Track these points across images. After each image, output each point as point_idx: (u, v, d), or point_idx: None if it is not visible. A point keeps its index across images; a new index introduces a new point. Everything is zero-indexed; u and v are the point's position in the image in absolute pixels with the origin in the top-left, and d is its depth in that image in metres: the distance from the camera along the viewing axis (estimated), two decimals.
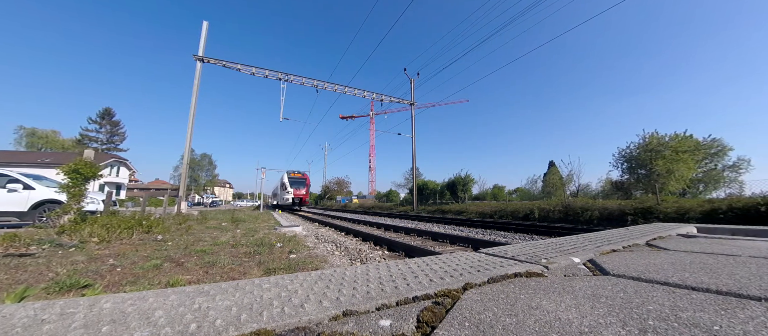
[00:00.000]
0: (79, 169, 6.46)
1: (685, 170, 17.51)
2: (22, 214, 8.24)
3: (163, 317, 0.92)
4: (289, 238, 6.14)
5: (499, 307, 0.73)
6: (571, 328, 0.58)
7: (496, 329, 0.58)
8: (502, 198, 31.78)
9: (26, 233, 5.20)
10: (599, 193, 24.95)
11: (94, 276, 3.11)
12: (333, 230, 8.51)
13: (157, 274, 3.29)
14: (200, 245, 5.09)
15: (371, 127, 66.74)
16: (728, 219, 8.59)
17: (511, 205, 17.07)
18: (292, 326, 0.85)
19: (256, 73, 18.04)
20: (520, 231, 8.67)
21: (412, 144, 24.30)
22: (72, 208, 6.41)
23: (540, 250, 1.66)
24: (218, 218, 12.57)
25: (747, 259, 1.20)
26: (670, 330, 0.56)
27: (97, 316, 0.93)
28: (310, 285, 1.23)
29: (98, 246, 4.78)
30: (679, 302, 0.73)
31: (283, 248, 4.97)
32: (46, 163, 30.54)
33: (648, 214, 10.39)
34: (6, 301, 1.95)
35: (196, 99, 15.64)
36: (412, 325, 0.75)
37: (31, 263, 3.49)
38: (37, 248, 4.35)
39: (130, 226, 6.09)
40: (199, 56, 15.93)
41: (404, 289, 1.11)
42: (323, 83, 20.05)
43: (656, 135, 19.22)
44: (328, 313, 0.93)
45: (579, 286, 0.88)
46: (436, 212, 20.46)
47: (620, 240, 2.15)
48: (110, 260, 3.86)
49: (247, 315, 0.92)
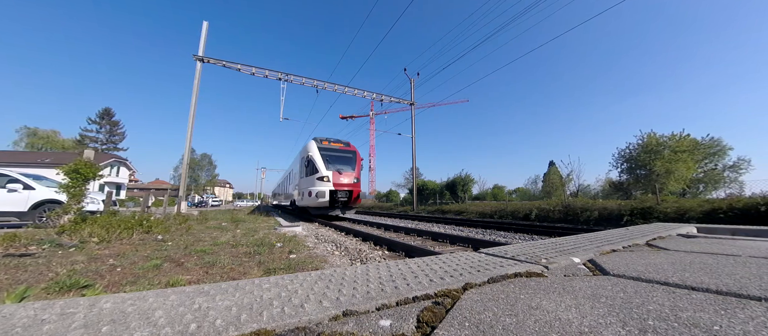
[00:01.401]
0: (79, 169, 6.46)
1: (684, 170, 17.54)
2: (22, 214, 8.25)
3: (163, 317, 0.92)
4: (289, 238, 6.14)
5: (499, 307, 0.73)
6: (571, 328, 0.58)
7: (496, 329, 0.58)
8: (502, 198, 31.78)
9: (26, 233, 5.21)
10: (599, 193, 24.98)
11: (94, 276, 3.11)
12: (333, 230, 8.51)
13: (157, 274, 3.29)
14: (200, 245, 5.09)
15: (371, 127, 66.73)
16: (728, 219, 8.59)
17: (511, 205, 17.07)
18: (292, 326, 0.85)
19: (256, 73, 18.04)
20: (520, 231, 8.66)
21: (412, 144, 24.30)
22: (72, 208, 6.41)
23: (540, 250, 1.66)
24: (218, 218, 12.58)
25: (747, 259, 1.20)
26: (670, 330, 0.56)
27: (97, 316, 0.93)
28: (310, 285, 1.23)
29: (98, 246, 4.78)
30: (679, 302, 0.73)
31: (283, 248, 4.97)
32: (46, 163, 30.53)
33: (648, 214, 10.39)
34: (6, 301, 1.95)
35: (196, 99, 15.64)
36: (412, 325, 0.75)
37: (31, 263, 3.49)
38: (37, 248, 4.35)
39: (130, 226, 6.09)
40: (199, 56, 15.93)
41: (404, 289, 1.11)
42: (323, 83, 20.05)
43: (654, 135, 19.26)
44: (328, 313, 0.93)
45: (579, 286, 0.88)
46: (436, 212, 20.45)
47: (620, 240, 2.15)
48: (110, 260, 3.86)
49: (247, 315, 0.92)
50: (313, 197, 11.36)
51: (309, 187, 11.85)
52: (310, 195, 11.56)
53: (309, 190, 11.74)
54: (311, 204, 11.73)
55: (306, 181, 12.57)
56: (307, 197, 11.91)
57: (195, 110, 15.55)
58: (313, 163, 12.01)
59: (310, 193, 11.53)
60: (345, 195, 11.81)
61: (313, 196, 11.36)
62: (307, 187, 12.08)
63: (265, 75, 18.30)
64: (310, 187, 11.73)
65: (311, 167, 12.15)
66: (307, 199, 11.95)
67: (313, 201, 11.43)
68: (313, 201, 11.39)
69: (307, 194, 11.94)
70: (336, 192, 11.50)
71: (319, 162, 11.83)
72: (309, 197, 11.60)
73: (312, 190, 11.48)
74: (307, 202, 12.03)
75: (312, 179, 11.81)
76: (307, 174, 12.51)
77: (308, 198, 11.66)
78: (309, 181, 12.12)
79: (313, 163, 12.01)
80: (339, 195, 11.57)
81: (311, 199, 11.46)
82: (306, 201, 12.09)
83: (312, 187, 11.60)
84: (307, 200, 11.81)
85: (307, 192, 11.97)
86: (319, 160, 11.93)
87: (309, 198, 11.60)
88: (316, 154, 12.19)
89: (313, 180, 11.66)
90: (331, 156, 12.43)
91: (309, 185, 11.97)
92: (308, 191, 11.73)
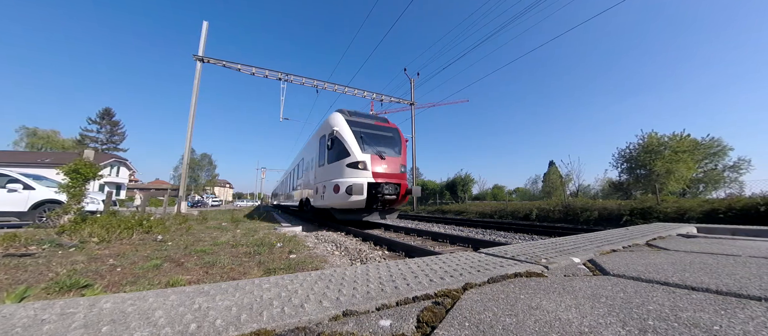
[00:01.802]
0: (79, 169, 6.47)
1: (684, 170, 17.56)
2: (22, 214, 8.26)
3: (163, 317, 0.92)
4: (289, 238, 6.14)
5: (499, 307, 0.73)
6: (571, 328, 0.58)
7: (496, 329, 0.58)
8: (501, 198, 31.81)
9: (26, 233, 5.21)
10: (599, 193, 25.00)
11: (94, 276, 3.11)
12: (333, 230, 8.51)
13: (157, 274, 3.29)
14: (200, 245, 5.10)
15: None
16: (728, 219, 8.60)
17: (511, 205, 17.08)
18: (292, 326, 0.84)
19: (256, 73, 18.04)
20: (520, 231, 8.67)
21: (412, 144, 24.31)
22: (72, 208, 6.41)
23: (540, 250, 1.66)
24: (218, 218, 12.59)
25: (747, 259, 1.20)
26: (670, 330, 0.56)
27: (97, 316, 0.93)
28: (310, 285, 1.23)
29: (98, 246, 4.78)
30: (679, 302, 0.73)
31: (283, 248, 4.97)
32: (46, 163, 30.54)
33: (648, 214, 10.40)
34: (6, 301, 1.95)
35: (196, 99, 15.65)
36: (412, 325, 0.75)
37: (31, 263, 3.49)
38: (37, 248, 4.35)
39: (130, 226, 6.09)
40: (199, 56, 15.94)
41: (404, 289, 1.10)
42: (323, 83, 20.05)
43: (655, 135, 19.27)
44: (328, 313, 0.93)
45: (579, 286, 0.88)
46: (436, 212, 20.46)
47: (620, 240, 2.15)
48: (110, 260, 3.86)
49: (247, 315, 0.92)
50: (341, 194, 7.40)
51: (334, 179, 7.90)
52: (336, 191, 7.58)
53: (334, 182, 7.76)
54: (337, 203, 7.76)
55: (327, 170, 8.49)
56: (330, 194, 7.89)
57: (195, 110, 15.56)
58: (340, 144, 7.96)
59: (337, 187, 7.57)
60: (390, 190, 7.87)
61: (341, 191, 7.40)
62: (330, 178, 8.12)
63: (265, 75, 18.31)
64: (336, 177, 7.85)
65: (337, 149, 8.06)
66: (330, 197, 7.91)
67: (340, 199, 7.48)
68: (341, 199, 7.44)
69: (330, 190, 7.87)
70: (377, 185, 7.63)
71: (351, 141, 7.84)
72: (334, 194, 7.66)
73: (339, 183, 7.56)
74: (330, 200, 8.00)
75: (338, 166, 7.89)
76: (330, 160, 8.36)
77: (332, 195, 7.72)
78: (333, 169, 8.15)
79: (340, 144, 7.96)
80: (382, 190, 7.67)
81: (337, 197, 7.52)
82: (328, 199, 8.07)
83: (339, 179, 7.71)
84: (331, 198, 7.83)
85: (330, 186, 7.89)
86: (350, 138, 7.89)
87: (334, 195, 7.67)
88: (346, 130, 8.07)
89: (341, 167, 7.78)
90: (366, 134, 8.34)
91: (333, 175, 8.03)
92: (333, 185, 7.75)
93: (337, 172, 7.92)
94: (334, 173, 8.06)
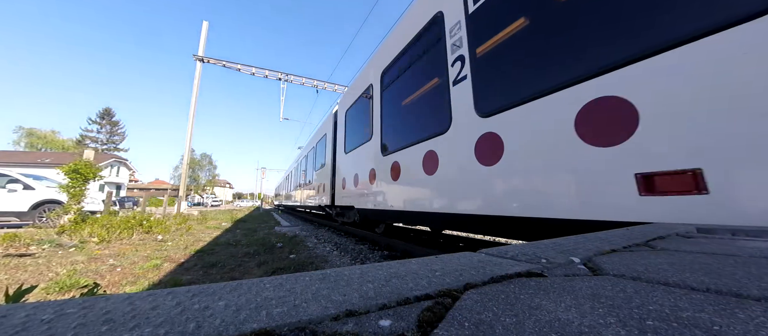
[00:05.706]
0: (79, 169, 6.47)
1: None
2: (22, 214, 8.25)
3: (162, 317, 0.93)
4: (289, 238, 6.14)
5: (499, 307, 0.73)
6: (571, 328, 0.58)
7: (496, 329, 0.58)
8: None
9: (26, 233, 5.21)
10: None
11: (94, 276, 3.11)
12: (333, 231, 8.50)
13: (157, 274, 3.29)
14: (200, 245, 5.09)
15: None
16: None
17: None
18: (292, 326, 0.85)
19: (256, 73, 18.05)
20: None
21: None
22: (72, 208, 6.41)
23: (540, 250, 1.67)
24: (218, 218, 12.59)
25: (747, 259, 1.20)
26: (670, 330, 0.57)
27: (96, 316, 0.93)
28: (311, 285, 1.23)
29: (98, 246, 4.78)
30: (679, 302, 0.73)
31: (283, 248, 4.97)
32: (46, 163, 30.56)
33: None
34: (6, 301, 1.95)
35: (196, 99, 15.65)
36: (412, 325, 0.76)
37: (31, 263, 3.50)
38: (37, 248, 4.36)
39: (130, 227, 6.10)
40: (199, 56, 15.94)
41: (404, 289, 1.11)
42: (323, 83, 20.06)
43: None
44: (328, 313, 0.94)
45: (579, 286, 0.89)
46: None
47: (620, 240, 2.16)
48: (110, 260, 3.86)
49: (247, 315, 0.92)
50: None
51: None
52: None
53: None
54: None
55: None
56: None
57: (195, 110, 15.57)
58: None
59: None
60: None
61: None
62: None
63: (265, 75, 18.32)
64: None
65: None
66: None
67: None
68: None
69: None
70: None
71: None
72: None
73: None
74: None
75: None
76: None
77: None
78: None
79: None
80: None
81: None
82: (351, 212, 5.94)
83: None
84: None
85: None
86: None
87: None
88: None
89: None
90: None
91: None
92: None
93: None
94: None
